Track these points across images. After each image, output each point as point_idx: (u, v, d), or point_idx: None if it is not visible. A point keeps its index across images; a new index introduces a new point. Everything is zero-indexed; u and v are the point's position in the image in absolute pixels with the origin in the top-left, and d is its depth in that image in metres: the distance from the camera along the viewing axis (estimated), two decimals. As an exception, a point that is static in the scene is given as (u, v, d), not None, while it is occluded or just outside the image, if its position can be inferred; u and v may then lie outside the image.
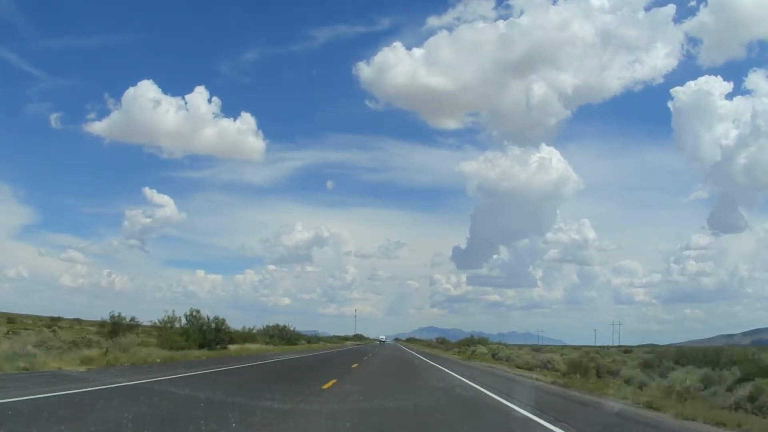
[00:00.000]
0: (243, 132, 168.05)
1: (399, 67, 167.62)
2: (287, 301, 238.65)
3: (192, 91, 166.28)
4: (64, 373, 16.04)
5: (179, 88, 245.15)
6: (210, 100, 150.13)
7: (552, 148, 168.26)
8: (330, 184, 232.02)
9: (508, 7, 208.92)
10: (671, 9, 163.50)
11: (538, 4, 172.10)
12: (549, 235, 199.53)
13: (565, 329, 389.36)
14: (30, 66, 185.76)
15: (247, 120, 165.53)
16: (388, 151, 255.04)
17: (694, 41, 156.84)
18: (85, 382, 13.80)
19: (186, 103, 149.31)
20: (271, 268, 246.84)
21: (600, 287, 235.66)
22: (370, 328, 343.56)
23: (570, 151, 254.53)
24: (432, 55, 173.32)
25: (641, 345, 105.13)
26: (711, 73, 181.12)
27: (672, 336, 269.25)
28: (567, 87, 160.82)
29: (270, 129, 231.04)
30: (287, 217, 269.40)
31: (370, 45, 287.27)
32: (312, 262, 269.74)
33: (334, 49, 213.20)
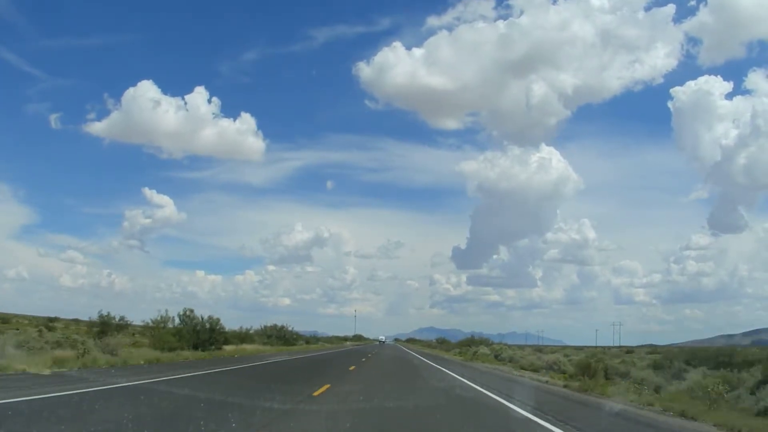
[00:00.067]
0: (243, 132, 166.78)
1: (399, 67, 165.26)
2: (287, 301, 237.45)
3: (192, 92, 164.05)
4: (24, 376, 14.91)
5: (179, 88, 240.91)
6: (210, 101, 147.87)
7: (552, 148, 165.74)
8: (330, 185, 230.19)
9: (508, 7, 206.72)
10: (671, 9, 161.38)
11: (537, 4, 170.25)
12: (549, 235, 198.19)
13: (565, 329, 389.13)
14: (30, 66, 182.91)
15: (247, 120, 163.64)
16: (388, 151, 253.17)
17: (694, 41, 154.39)
18: (32, 387, 12.39)
19: (186, 103, 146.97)
20: (271, 268, 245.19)
21: (600, 287, 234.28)
22: (369, 328, 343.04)
23: (570, 151, 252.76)
24: (432, 55, 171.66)
25: (641, 345, 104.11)
26: (711, 73, 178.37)
27: (672, 336, 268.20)
28: (567, 87, 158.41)
29: (270, 129, 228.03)
30: (287, 218, 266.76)
31: (370, 45, 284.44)
32: (312, 263, 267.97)
33: (334, 49, 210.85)
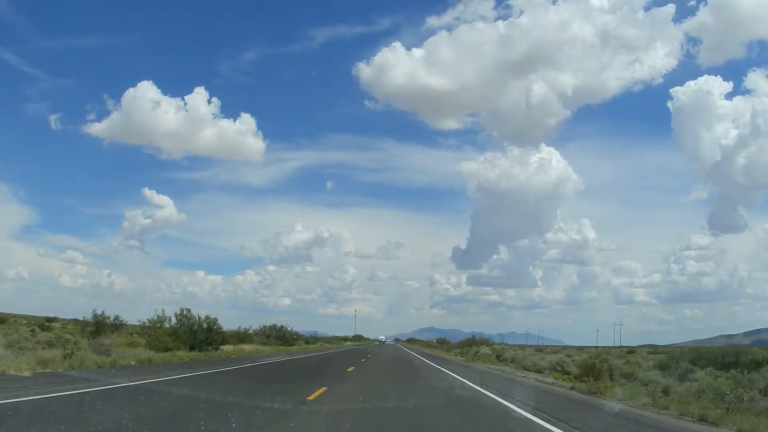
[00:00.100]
0: (243, 133, 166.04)
1: (399, 67, 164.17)
2: (287, 301, 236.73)
3: (192, 92, 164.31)
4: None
5: (179, 88, 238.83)
6: (210, 101, 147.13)
7: (552, 149, 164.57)
8: (330, 185, 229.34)
9: (508, 7, 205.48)
10: (671, 9, 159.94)
11: (537, 4, 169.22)
12: (549, 236, 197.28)
13: (565, 329, 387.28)
14: (29, 66, 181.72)
15: (247, 120, 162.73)
16: (387, 151, 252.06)
17: (693, 41, 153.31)
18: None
19: (185, 103, 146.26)
20: (271, 268, 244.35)
21: (600, 287, 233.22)
22: (370, 328, 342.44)
23: (570, 152, 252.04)
24: (432, 56, 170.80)
25: (642, 345, 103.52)
26: (711, 73, 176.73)
27: (672, 336, 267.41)
28: (567, 87, 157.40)
29: (270, 129, 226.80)
30: (287, 218, 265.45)
31: (370, 45, 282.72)
32: (312, 263, 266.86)
33: (334, 50, 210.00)
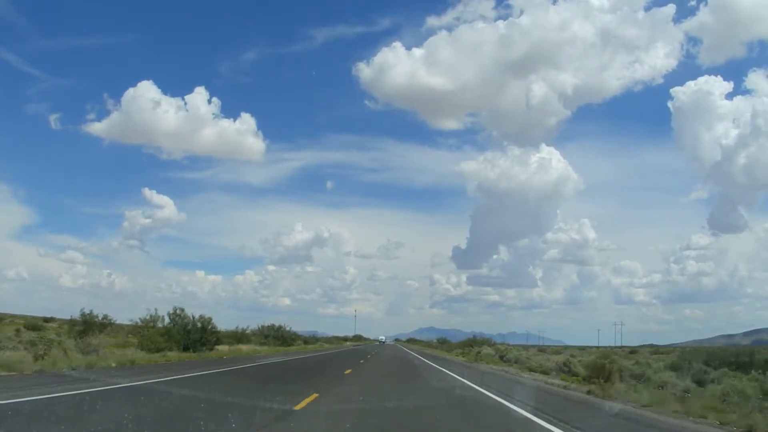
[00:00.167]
0: (243, 132, 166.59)
1: (399, 67, 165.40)
2: (287, 301, 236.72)
3: (192, 92, 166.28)
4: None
5: (179, 88, 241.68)
6: (210, 101, 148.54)
7: (552, 148, 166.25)
8: (330, 185, 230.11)
9: (508, 6, 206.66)
10: (671, 9, 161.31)
11: (537, 3, 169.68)
12: (549, 235, 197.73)
13: (565, 329, 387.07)
14: (29, 66, 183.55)
15: (247, 120, 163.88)
16: (387, 151, 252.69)
17: (694, 41, 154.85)
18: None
19: (186, 103, 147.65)
20: (271, 268, 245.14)
21: (600, 287, 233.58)
22: (370, 328, 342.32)
23: (570, 151, 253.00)
24: (432, 55, 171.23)
25: (642, 345, 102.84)
26: (711, 73, 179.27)
27: (672, 336, 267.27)
28: (567, 87, 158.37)
29: (270, 129, 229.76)
30: (287, 218, 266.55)
31: (370, 45, 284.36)
32: (312, 263, 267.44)
33: (334, 50, 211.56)
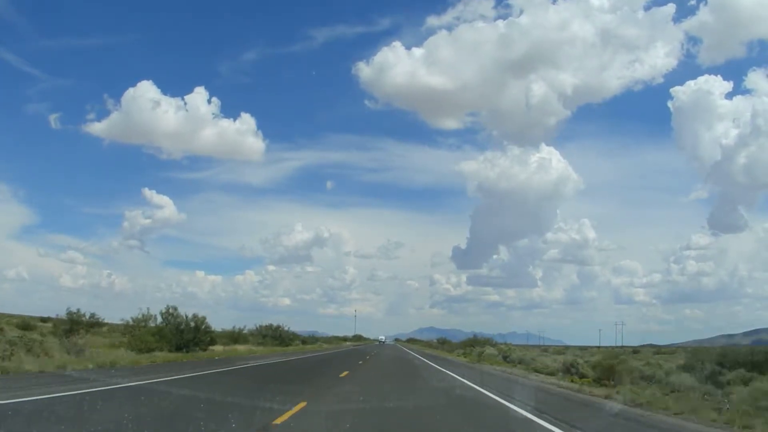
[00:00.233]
0: (242, 132, 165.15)
1: (398, 66, 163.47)
2: (287, 301, 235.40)
3: (191, 92, 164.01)
4: None
5: (179, 88, 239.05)
6: (209, 101, 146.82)
7: (552, 148, 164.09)
8: (330, 185, 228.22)
9: (508, 6, 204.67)
10: (671, 8, 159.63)
11: (537, 3, 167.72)
12: (549, 235, 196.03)
13: (565, 329, 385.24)
14: (29, 66, 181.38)
15: (247, 120, 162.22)
16: (387, 151, 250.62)
17: (694, 40, 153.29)
18: None
19: (185, 103, 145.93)
20: (271, 268, 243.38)
21: (600, 287, 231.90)
22: (370, 328, 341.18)
23: (570, 151, 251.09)
24: (432, 55, 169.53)
25: (642, 345, 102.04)
26: (711, 73, 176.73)
27: (672, 336, 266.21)
28: (567, 87, 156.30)
29: (270, 129, 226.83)
30: (287, 218, 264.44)
31: (370, 45, 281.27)
32: (312, 263, 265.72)
33: (334, 49, 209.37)
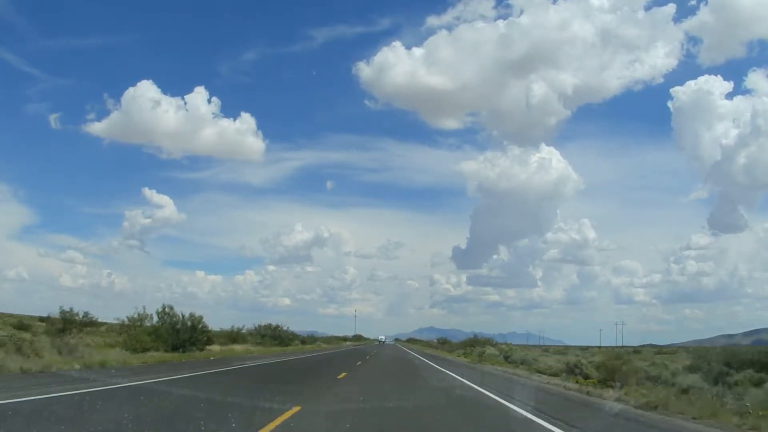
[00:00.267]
0: (242, 132, 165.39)
1: (398, 66, 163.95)
2: (287, 301, 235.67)
3: (192, 92, 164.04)
4: None
5: (179, 88, 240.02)
6: (210, 101, 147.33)
7: (552, 148, 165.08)
8: (330, 185, 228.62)
9: (508, 6, 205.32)
10: (671, 8, 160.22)
11: (537, 3, 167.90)
12: (549, 235, 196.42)
13: (565, 329, 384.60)
14: (29, 66, 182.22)
15: (247, 120, 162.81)
16: (387, 151, 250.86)
17: (694, 40, 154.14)
18: None
19: (185, 103, 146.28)
20: (271, 268, 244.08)
21: (600, 287, 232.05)
22: (370, 328, 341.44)
23: (570, 151, 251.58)
24: (432, 55, 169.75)
25: (642, 345, 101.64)
26: (711, 73, 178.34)
27: (672, 336, 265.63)
28: (567, 87, 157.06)
29: (270, 129, 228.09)
30: (287, 218, 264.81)
31: (370, 45, 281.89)
32: (312, 263, 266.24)
33: (334, 49, 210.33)
